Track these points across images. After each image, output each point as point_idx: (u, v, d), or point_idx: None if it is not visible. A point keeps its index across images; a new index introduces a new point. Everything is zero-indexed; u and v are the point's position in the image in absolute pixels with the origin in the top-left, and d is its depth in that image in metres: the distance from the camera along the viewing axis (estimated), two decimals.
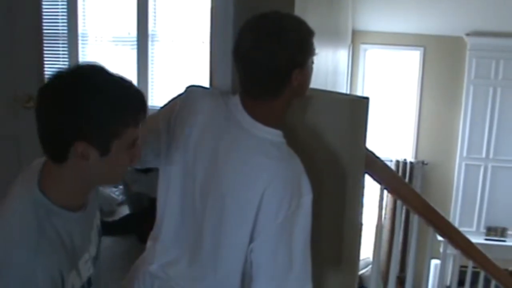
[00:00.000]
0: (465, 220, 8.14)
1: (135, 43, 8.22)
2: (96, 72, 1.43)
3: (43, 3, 3.31)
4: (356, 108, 1.90)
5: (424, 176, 8.29)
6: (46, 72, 3.34)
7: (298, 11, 1.84)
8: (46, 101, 1.40)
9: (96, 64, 1.46)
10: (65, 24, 8.11)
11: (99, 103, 1.38)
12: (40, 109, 1.41)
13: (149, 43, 8.23)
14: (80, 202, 1.52)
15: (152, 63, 8.33)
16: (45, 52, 3.32)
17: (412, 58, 8.38)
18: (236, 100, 1.74)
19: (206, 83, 2.03)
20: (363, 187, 2.04)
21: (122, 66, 8.57)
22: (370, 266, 3.44)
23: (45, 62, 3.33)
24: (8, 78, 3.18)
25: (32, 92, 3.21)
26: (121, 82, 1.43)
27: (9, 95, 3.19)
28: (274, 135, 1.71)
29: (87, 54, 8.43)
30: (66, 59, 8.19)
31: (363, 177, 2.05)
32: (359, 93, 8.29)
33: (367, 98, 1.92)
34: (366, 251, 2.75)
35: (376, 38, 8.26)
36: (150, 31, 8.17)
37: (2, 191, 3.29)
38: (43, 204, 1.42)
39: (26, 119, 3.24)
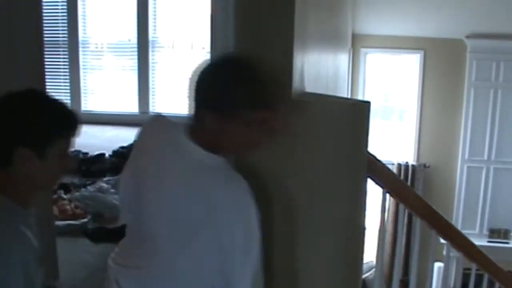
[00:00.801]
0: (468, 223, 8.13)
1: (136, 49, 8.22)
2: (40, 93, 1.81)
3: (43, 10, 3.30)
4: (357, 112, 1.91)
5: (426, 179, 8.29)
6: (47, 80, 3.34)
7: (298, 17, 1.84)
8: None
9: (38, 90, 1.85)
10: (66, 32, 8.13)
11: (40, 119, 1.69)
12: None
13: (150, 49, 8.24)
14: (28, 201, 1.75)
15: (153, 69, 8.34)
16: (45, 59, 3.33)
17: (412, 61, 8.39)
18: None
19: None
20: (365, 190, 2.04)
21: (123, 72, 8.58)
22: (373, 270, 3.43)
23: (46, 70, 3.33)
24: (7, 86, 3.18)
25: None
26: (58, 104, 1.75)
27: None
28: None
29: (88, 61, 8.44)
30: (67, 67, 8.21)
31: (365, 180, 2.05)
32: (359, 97, 8.29)
33: (368, 102, 1.93)
34: (369, 254, 2.74)
35: (376, 42, 8.27)
36: (150, 37, 8.18)
37: None
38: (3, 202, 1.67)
39: None
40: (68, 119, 1.75)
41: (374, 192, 2.53)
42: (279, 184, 1.89)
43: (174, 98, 8.31)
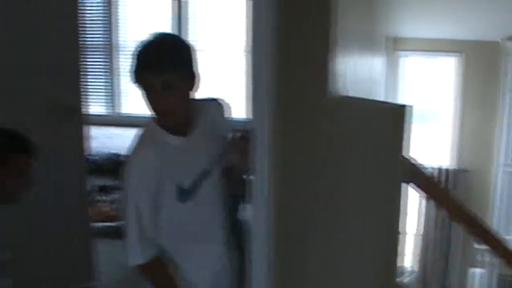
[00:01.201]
0: (506, 228, 7.98)
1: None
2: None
3: (83, 14, 3.35)
4: (395, 116, 1.88)
5: (464, 183, 8.16)
6: (87, 83, 3.39)
7: (336, 19, 1.83)
8: None
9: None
10: (105, 35, 8.22)
11: None
12: None
13: None
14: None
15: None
16: (85, 63, 3.38)
17: (448, 64, 8.28)
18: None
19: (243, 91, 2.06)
20: (402, 195, 2.01)
21: None
22: (406, 274, 3.39)
23: (86, 73, 3.38)
24: (46, 89, 3.23)
25: (71, 103, 3.27)
26: (11, 131, 2.21)
27: (48, 107, 3.24)
28: None
29: (126, 66, 8.50)
30: (107, 71, 8.32)
31: (402, 185, 2.02)
32: (395, 100, 8.22)
33: (406, 106, 1.90)
34: (406, 259, 2.71)
35: (412, 45, 8.19)
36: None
37: (41, 199, 3.34)
38: None
39: (64, 130, 3.30)
40: (17, 141, 2.18)
41: (413, 197, 2.50)
42: (313, 187, 1.88)
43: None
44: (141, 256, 2.17)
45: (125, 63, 8.45)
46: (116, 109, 8.35)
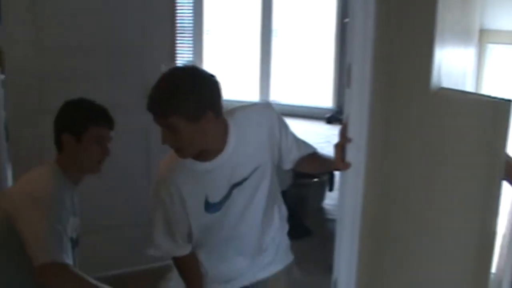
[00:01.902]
0: None
1: (259, 38, 8.33)
2: (86, 99, 2.39)
3: None
4: (497, 111, 1.82)
5: None
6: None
7: (439, 12, 1.79)
8: (58, 112, 2.35)
9: (87, 99, 2.40)
10: (191, 20, 8.35)
11: (77, 110, 2.35)
12: (54, 120, 2.33)
13: (272, 38, 8.31)
14: (75, 181, 2.34)
15: (274, 58, 8.41)
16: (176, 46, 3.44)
17: None
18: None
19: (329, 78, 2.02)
20: (500, 195, 1.95)
21: (245, 61, 8.71)
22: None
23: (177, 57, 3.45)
24: (141, 72, 3.31)
25: None
26: (95, 103, 2.38)
27: (142, 89, 3.31)
28: None
29: (211, 49, 8.63)
30: (191, 54, 8.45)
31: (502, 184, 1.96)
32: (485, 93, 7.95)
33: (510, 101, 1.83)
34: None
35: (503, 37, 7.90)
36: (273, 27, 8.25)
37: (132, 178, 3.43)
38: (60, 173, 2.27)
39: None
40: (100, 112, 2.34)
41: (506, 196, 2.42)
42: (408, 181, 1.85)
43: (293, 88, 8.36)
44: (172, 250, 2.36)
45: (210, 47, 8.57)
46: None
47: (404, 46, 1.80)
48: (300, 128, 2.35)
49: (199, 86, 2.05)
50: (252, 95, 8.36)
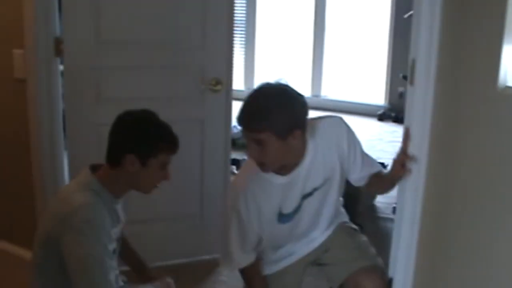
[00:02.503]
0: None
1: (311, 33, 8.29)
2: (152, 115, 2.20)
3: None
4: None
5: None
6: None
7: (510, 5, 1.73)
8: (120, 125, 2.19)
9: (152, 111, 2.22)
10: (244, 15, 8.39)
11: (149, 134, 2.15)
12: (113, 130, 2.18)
13: (325, 33, 8.27)
14: (118, 194, 2.23)
15: (326, 54, 8.36)
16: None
17: None
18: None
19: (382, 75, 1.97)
20: None
21: (297, 56, 8.68)
22: None
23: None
24: (198, 63, 3.33)
25: (220, 76, 3.35)
26: (165, 126, 2.20)
27: (199, 80, 3.33)
28: None
29: (262, 44, 8.63)
30: (243, 49, 8.47)
31: None
32: None
33: None
34: None
35: None
36: (326, 21, 8.21)
37: (188, 168, 3.45)
38: (98, 187, 2.16)
39: (211, 102, 3.39)
40: (171, 140, 2.20)
41: None
42: (473, 181, 1.80)
43: (345, 84, 8.29)
44: (242, 261, 2.43)
45: (260, 42, 8.57)
46: (250, 85, 8.50)
47: (471, 43, 1.75)
48: (351, 125, 2.33)
49: (292, 104, 2.11)
50: (303, 90, 8.31)
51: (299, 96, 2.15)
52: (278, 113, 2.06)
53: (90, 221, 2.05)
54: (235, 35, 3.47)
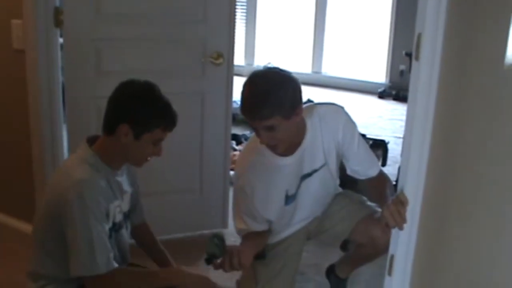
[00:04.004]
0: None
1: (313, 9, 8.25)
2: (154, 88, 2.16)
3: None
4: None
5: None
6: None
7: None
8: (121, 93, 2.15)
9: (154, 84, 2.17)
10: None
11: (147, 107, 2.11)
12: (113, 97, 2.14)
13: (326, 9, 8.24)
14: (116, 166, 2.20)
15: (327, 30, 8.33)
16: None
17: None
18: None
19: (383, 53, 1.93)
20: None
21: (298, 32, 8.64)
22: None
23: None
24: (200, 36, 3.29)
25: (222, 50, 3.31)
26: (166, 102, 2.15)
27: (200, 53, 3.30)
28: None
29: (263, 19, 8.58)
30: (244, 24, 8.43)
31: None
32: None
33: None
34: None
35: None
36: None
37: (187, 142, 3.43)
38: (96, 160, 2.14)
39: (212, 76, 3.36)
40: (169, 117, 2.14)
41: None
42: (480, 160, 1.78)
43: (346, 61, 8.25)
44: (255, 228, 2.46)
45: (261, 17, 8.52)
46: (251, 61, 8.47)
47: (479, 17, 1.72)
48: (351, 102, 2.36)
49: (288, 84, 2.18)
50: (304, 67, 8.28)
51: (290, 74, 2.22)
52: (280, 96, 2.13)
53: (84, 198, 2.02)
54: (236, 10, 3.42)
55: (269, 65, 2.25)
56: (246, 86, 2.19)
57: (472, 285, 1.70)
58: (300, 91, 2.23)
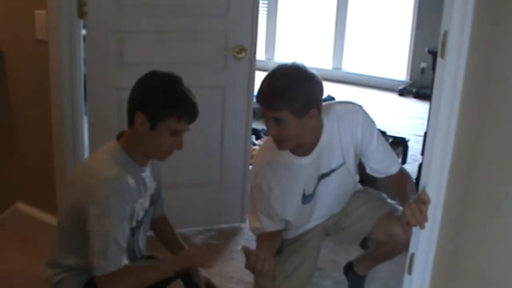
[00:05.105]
0: None
1: (334, 5, 8.21)
2: (175, 79, 2.15)
3: None
4: None
5: None
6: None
7: None
8: (141, 83, 2.15)
9: (177, 76, 2.16)
10: None
11: (162, 95, 2.09)
12: (134, 87, 2.15)
13: (348, 6, 8.20)
14: (141, 161, 2.19)
15: (348, 27, 8.29)
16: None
17: None
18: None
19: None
20: None
21: (319, 28, 8.61)
22: None
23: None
24: (222, 29, 3.29)
25: (244, 43, 3.30)
26: (184, 92, 2.12)
27: (222, 46, 3.30)
28: None
29: (284, 14, 8.56)
30: (265, 18, 8.42)
31: None
32: None
33: None
34: None
35: None
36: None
37: (208, 136, 3.43)
38: (123, 156, 2.15)
39: (234, 70, 3.35)
40: (185, 106, 2.11)
41: None
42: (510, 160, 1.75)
43: (367, 58, 8.21)
44: (270, 227, 2.48)
45: (282, 12, 8.50)
46: (270, 56, 8.47)
47: (508, 12, 1.69)
48: (371, 99, 2.35)
49: (307, 84, 2.20)
50: (324, 62, 8.25)
51: (314, 76, 2.23)
52: (295, 93, 2.15)
53: (110, 197, 2.03)
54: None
55: (297, 62, 2.27)
56: (267, 76, 2.23)
57: (493, 286, 1.68)
58: (318, 94, 2.25)
